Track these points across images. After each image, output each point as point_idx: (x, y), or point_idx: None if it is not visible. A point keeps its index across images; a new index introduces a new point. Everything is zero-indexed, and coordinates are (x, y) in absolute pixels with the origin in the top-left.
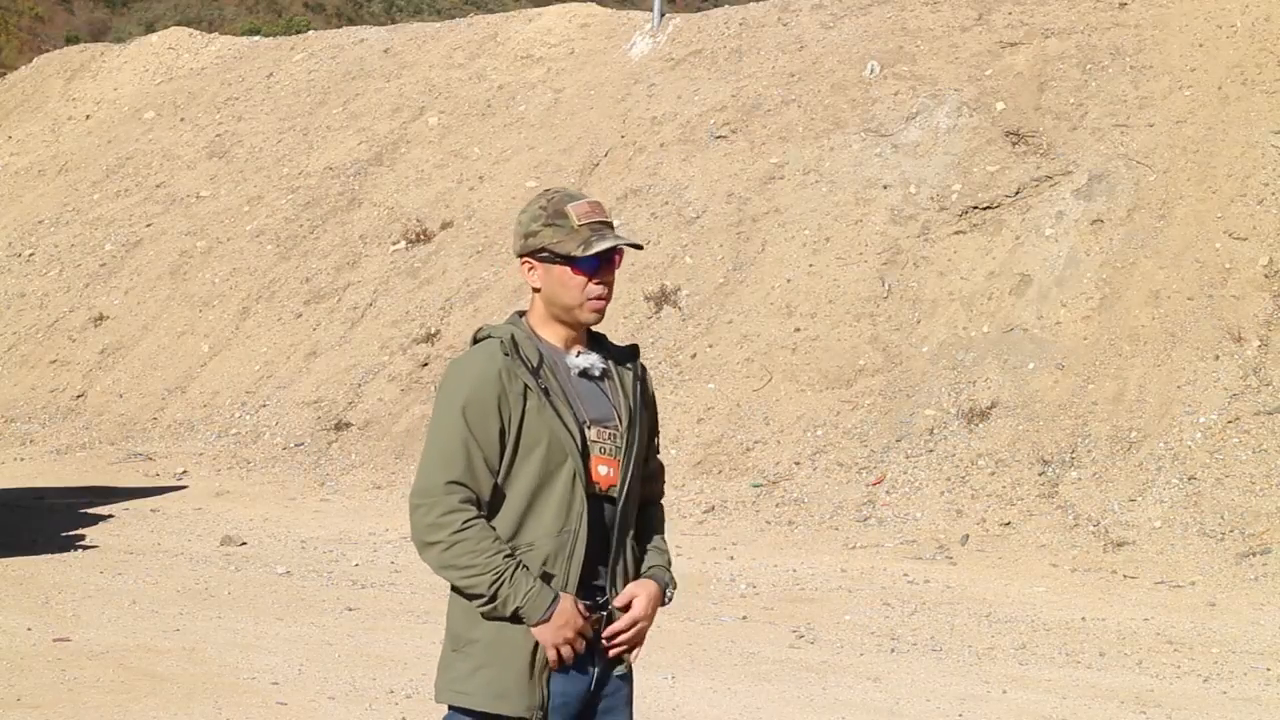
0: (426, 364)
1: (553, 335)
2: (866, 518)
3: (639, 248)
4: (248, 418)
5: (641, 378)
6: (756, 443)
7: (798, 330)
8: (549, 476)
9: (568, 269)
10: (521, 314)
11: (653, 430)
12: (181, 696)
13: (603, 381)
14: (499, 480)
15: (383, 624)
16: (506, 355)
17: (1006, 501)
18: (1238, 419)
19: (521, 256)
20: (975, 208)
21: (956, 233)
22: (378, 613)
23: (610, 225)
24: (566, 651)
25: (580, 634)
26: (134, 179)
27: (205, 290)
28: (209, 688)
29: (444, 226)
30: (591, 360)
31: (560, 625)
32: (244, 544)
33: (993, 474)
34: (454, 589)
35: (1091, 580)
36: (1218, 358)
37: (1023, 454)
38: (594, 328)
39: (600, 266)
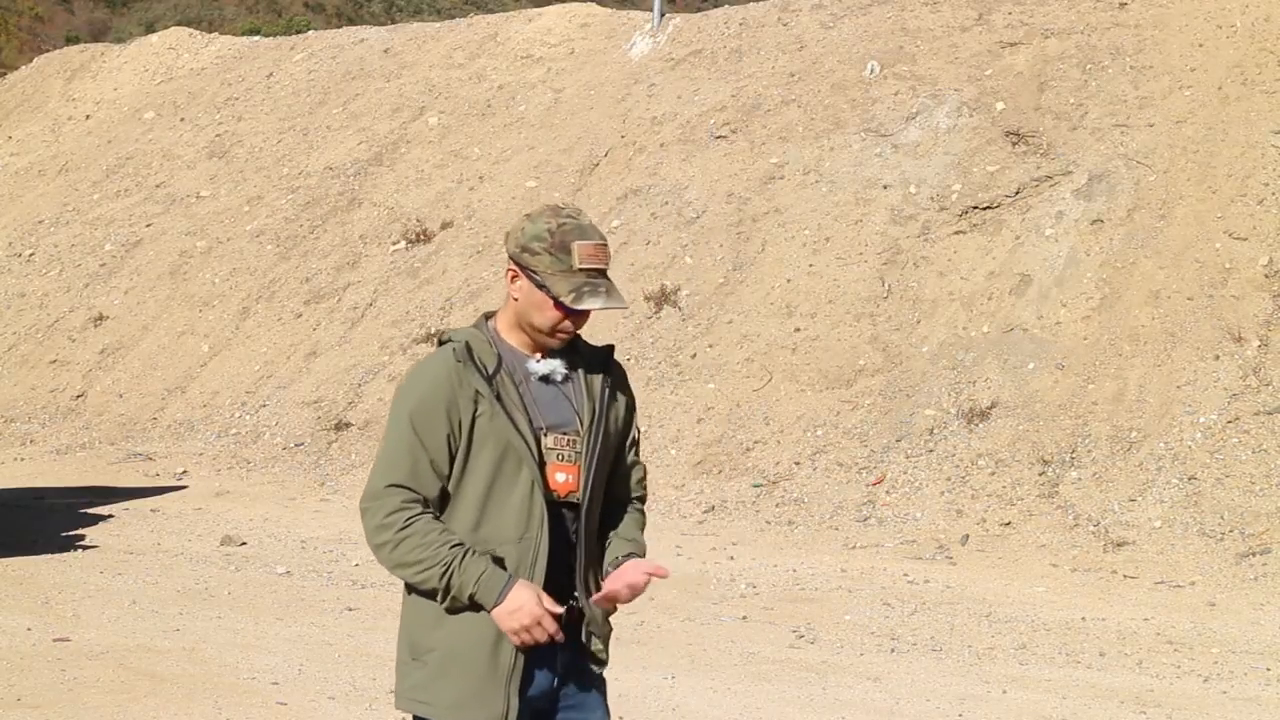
0: None
1: (518, 341)
2: (866, 518)
3: (623, 307)
4: (248, 418)
5: (612, 379)
6: (756, 443)
7: (798, 330)
8: (503, 483)
9: (550, 301)
10: (489, 315)
11: (626, 432)
12: (181, 696)
13: (565, 385)
14: (451, 485)
15: (383, 624)
16: (459, 362)
17: (1006, 501)
18: (1238, 419)
19: (511, 261)
20: (975, 208)
21: (956, 233)
22: (378, 613)
23: (605, 274)
24: (530, 636)
25: (538, 619)
26: (134, 179)
27: (205, 290)
28: (209, 688)
29: (444, 226)
30: (552, 366)
31: (514, 609)
32: (244, 544)
33: (993, 474)
34: (414, 592)
35: (1091, 580)
36: (1218, 358)
37: (1023, 454)
38: None
39: (581, 312)
